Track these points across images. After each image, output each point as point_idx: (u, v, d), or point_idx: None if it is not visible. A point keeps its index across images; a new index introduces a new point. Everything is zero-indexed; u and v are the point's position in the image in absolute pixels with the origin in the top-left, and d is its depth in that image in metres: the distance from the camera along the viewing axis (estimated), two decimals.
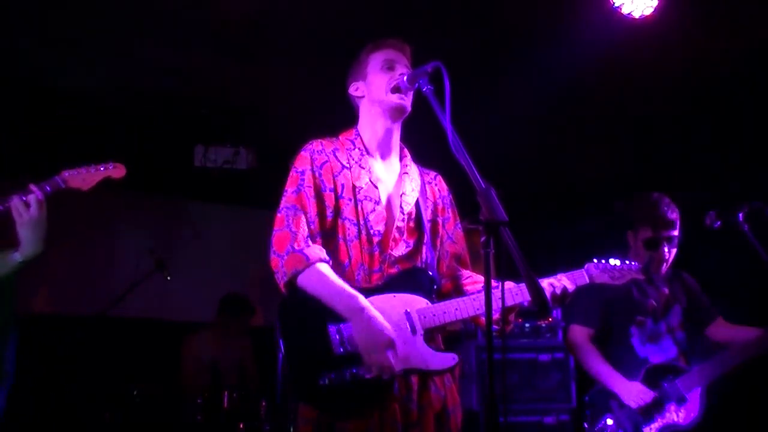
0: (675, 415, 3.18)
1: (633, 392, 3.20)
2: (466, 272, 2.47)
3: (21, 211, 2.53)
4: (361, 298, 2.12)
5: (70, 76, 4.78)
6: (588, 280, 2.31)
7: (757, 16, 3.89)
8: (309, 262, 2.13)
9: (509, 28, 4.14)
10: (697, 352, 3.38)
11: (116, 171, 2.76)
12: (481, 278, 2.35)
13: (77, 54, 4.46)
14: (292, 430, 4.56)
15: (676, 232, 3.38)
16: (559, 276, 2.26)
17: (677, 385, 3.19)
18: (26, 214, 2.53)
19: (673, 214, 3.38)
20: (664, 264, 3.40)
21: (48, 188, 2.61)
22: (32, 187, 2.58)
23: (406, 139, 2.49)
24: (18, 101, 5.06)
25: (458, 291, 2.41)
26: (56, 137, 5.57)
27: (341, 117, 2.48)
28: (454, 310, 2.18)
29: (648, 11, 3.72)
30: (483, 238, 1.78)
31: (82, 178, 2.68)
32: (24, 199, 2.55)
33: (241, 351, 5.58)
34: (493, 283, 1.82)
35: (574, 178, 6.35)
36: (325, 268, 2.15)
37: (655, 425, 3.17)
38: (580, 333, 3.46)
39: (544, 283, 2.21)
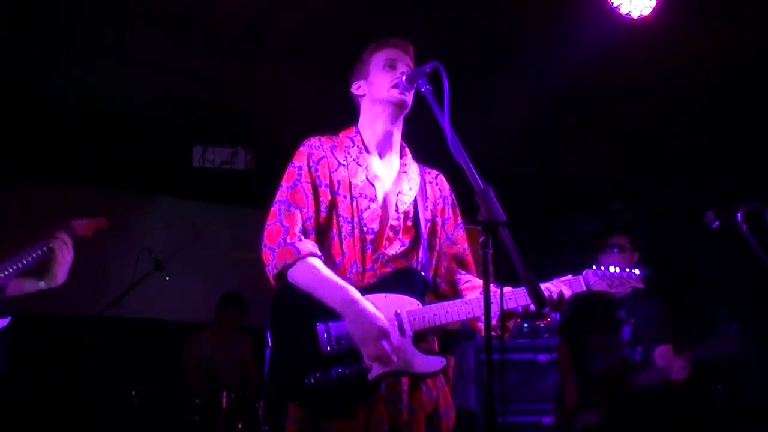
0: None
1: None
2: (465, 275, 2.43)
3: (65, 252, 3.04)
4: (352, 290, 2.10)
5: (70, 75, 4.78)
6: (585, 288, 2.21)
7: (756, 16, 3.90)
8: (300, 256, 2.11)
9: (508, 29, 4.14)
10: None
11: (102, 224, 3.32)
12: (479, 282, 2.31)
13: (76, 54, 4.46)
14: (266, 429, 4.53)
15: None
16: (555, 282, 2.21)
17: None
18: (69, 255, 3.06)
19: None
20: None
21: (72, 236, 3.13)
22: (61, 234, 3.08)
23: (407, 138, 2.48)
24: (17, 101, 5.05)
25: (455, 293, 2.38)
26: (56, 137, 5.57)
27: (340, 117, 2.47)
28: (444, 313, 2.14)
29: (646, 11, 3.73)
30: (482, 239, 1.77)
31: (86, 227, 3.22)
32: (64, 242, 3.06)
33: (241, 351, 5.57)
34: (493, 288, 1.78)
35: (573, 178, 6.35)
36: (317, 262, 2.13)
37: None
38: (563, 354, 4.05)
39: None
